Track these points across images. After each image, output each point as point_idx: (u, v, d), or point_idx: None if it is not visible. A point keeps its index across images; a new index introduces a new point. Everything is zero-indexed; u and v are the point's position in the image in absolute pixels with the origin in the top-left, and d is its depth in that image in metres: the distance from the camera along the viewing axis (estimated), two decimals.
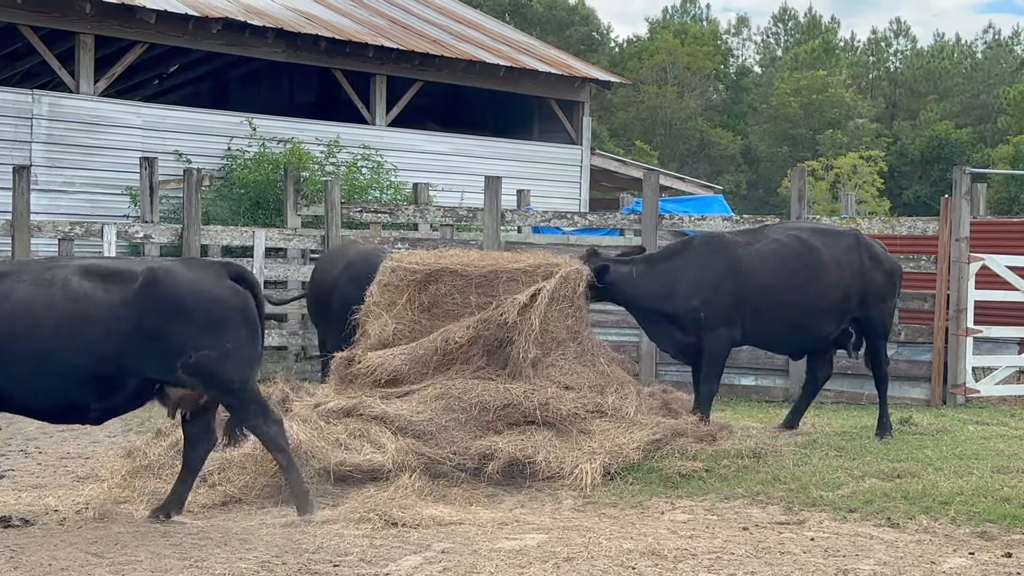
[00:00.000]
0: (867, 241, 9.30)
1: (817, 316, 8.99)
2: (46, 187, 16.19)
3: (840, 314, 9.08)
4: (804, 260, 8.93)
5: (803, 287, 8.87)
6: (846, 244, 9.12)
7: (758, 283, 8.81)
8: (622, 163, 24.82)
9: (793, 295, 8.85)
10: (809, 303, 8.91)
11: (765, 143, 58.34)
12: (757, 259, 8.87)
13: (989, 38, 74.20)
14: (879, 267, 9.19)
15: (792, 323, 8.98)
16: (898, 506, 6.81)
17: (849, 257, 9.05)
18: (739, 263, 8.83)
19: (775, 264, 8.88)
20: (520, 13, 57.02)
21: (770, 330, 9.03)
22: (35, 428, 10.37)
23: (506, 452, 7.47)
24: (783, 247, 8.97)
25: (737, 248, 8.92)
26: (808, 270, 8.91)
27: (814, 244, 9.02)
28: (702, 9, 77.62)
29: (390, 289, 8.75)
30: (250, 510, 6.98)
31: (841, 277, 8.99)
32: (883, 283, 9.22)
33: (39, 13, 16.36)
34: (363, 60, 19.52)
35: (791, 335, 9.13)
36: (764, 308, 8.84)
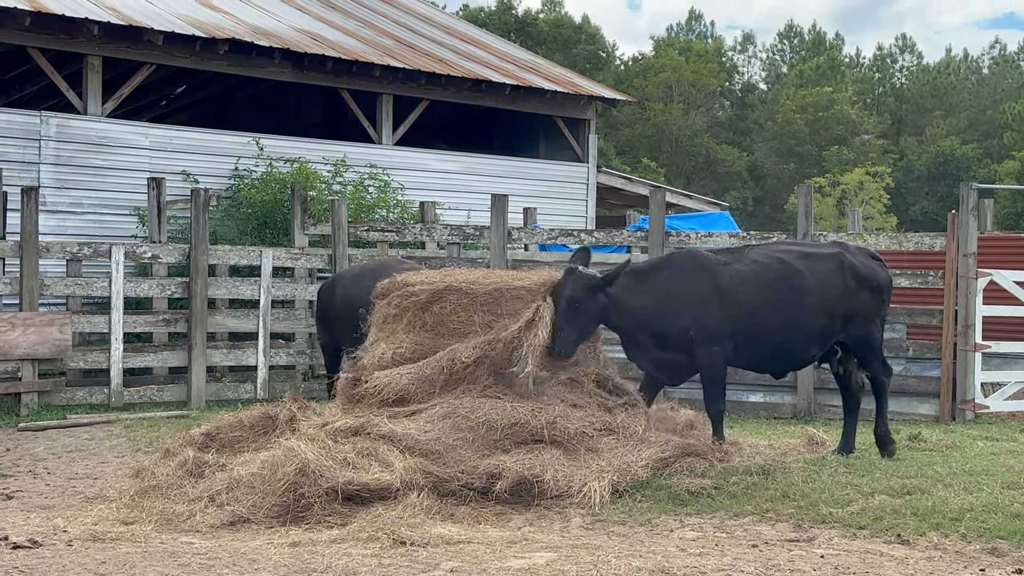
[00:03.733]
0: (851, 262, 9.00)
1: (799, 338, 8.81)
2: (54, 208, 16.25)
3: (824, 336, 8.90)
4: (786, 283, 8.75)
5: (784, 309, 8.69)
6: (830, 267, 8.91)
7: (739, 303, 8.62)
8: (628, 180, 24.83)
9: (774, 317, 8.68)
10: (790, 325, 8.73)
11: (771, 160, 58.41)
12: (738, 280, 8.69)
13: (995, 54, 74.30)
14: (864, 286, 8.97)
15: (773, 345, 8.80)
16: (908, 523, 6.78)
17: (833, 280, 8.86)
18: (721, 281, 8.67)
19: (756, 285, 8.70)
20: (526, 32, 57.23)
21: (750, 351, 8.82)
22: (43, 449, 10.39)
23: (514, 471, 7.45)
24: (764, 269, 8.78)
25: (718, 267, 8.78)
26: (790, 292, 8.72)
27: (796, 267, 8.83)
28: (707, 27, 77.92)
29: (395, 308, 8.76)
30: (258, 529, 6.97)
31: (825, 299, 8.78)
32: (870, 302, 9.01)
33: (47, 35, 16.45)
34: (369, 80, 19.59)
35: (772, 356, 8.97)
36: (744, 329, 8.64)
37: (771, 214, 53.86)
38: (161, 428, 11.28)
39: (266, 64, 18.57)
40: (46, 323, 12.49)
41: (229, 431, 8.62)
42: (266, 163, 17.76)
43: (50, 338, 12.45)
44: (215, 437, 8.56)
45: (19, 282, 12.57)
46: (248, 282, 13.97)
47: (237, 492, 7.36)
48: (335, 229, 14.10)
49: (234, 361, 13.91)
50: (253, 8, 20.64)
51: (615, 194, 24.22)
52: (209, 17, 18.75)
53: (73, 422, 11.73)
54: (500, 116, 22.31)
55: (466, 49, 23.01)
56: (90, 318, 13.24)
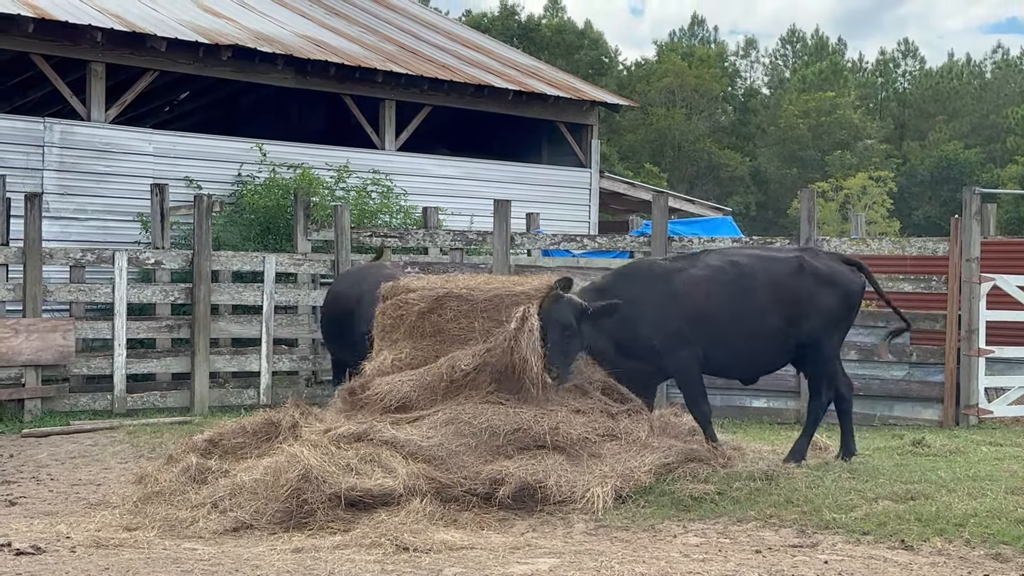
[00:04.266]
0: (814, 265, 8.85)
1: (757, 341, 8.70)
2: (58, 214, 16.27)
3: (784, 339, 8.75)
4: (740, 284, 8.65)
5: (739, 312, 8.60)
6: (788, 268, 8.77)
7: (695, 307, 8.57)
8: (631, 185, 24.83)
9: (730, 320, 8.59)
10: (746, 328, 8.63)
11: (774, 164, 58.40)
12: (692, 284, 8.63)
13: (998, 58, 74.31)
14: (828, 290, 8.80)
15: (731, 348, 8.70)
16: (912, 528, 6.77)
17: (792, 282, 8.70)
18: (676, 287, 8.62)
19: (709, 290, 8.63)
20: (529, 38, 57.29)
21: (708, 355, 8.71)
22: (47, 455, 10.39)
23: (516, 477, 7.45)
24: (717, 272, 8.70)
25: (673, 273, 8.71)
26: (744, 294, 8.63)
27: (751, 268, 8.73)
28: (709, 32, 77.96)
29: (394, 316, 8.77)
30: (261, 536, 6.97)
31: (782, 301, 8.65)
32: (835, 306, 8.83)
33: (51, 42, 16.48)
34: (372, 86, 19.61)
35: (733, 360, 8.87)
36: (700, 333, 8.59)
37: (774, 219, 53.87)
38: (164, 434, 11.28)
39: (269, 70, 18.59)
40: (49, 329, 12.50)
41: (232, 437, 8.62)
42: (269, 169, 17.78)
43: (53, 344, 12.46)
44: (218, 443, 8.56)
45: (22, 288, 12.57)
46: (251, 288, 13.98)
47: (240, 498, 7.36)
48: (338, 235, 14.11)
49: (237, 367, 13.91)
50: (256, 14, 20.67)
51: (618, 199, 24.23)
52: (212, 23, 18.78)
53: (76, 428, 11.73)
54: (503, 121, 22.32)
55: (469, 55, 23.03)
56: (93, 324, 13.25)
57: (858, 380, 12.25)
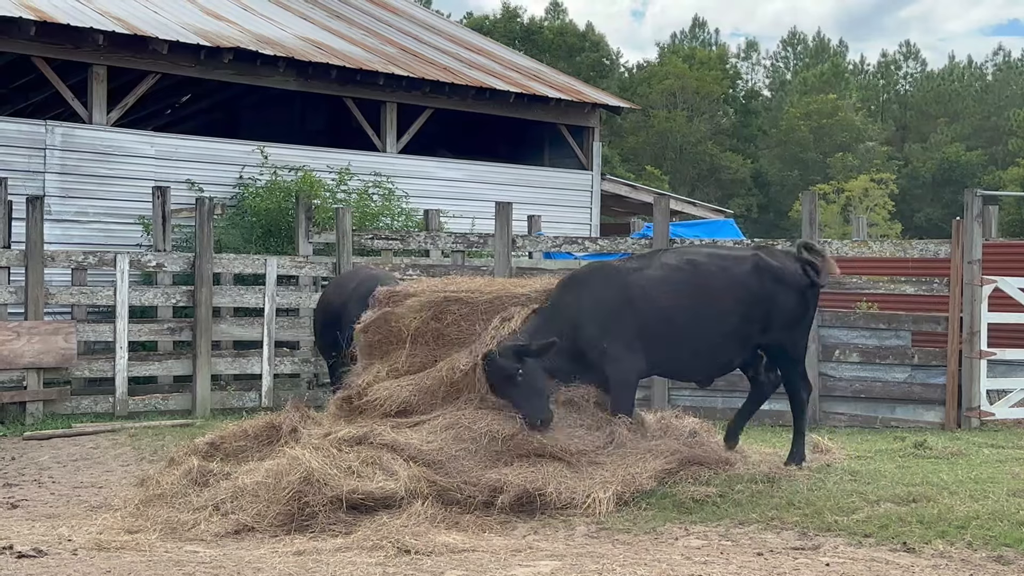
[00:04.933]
0: (770, 264, 8.60)
1: (713, 342, 8.47)
2: (59, 217, 16.27)
3: (741, 339, 8.54)
4: (694, 284, 8.43)
5: (694, 312, 8.39)
6: (745, 268, 8.54)
7: (648, 309, 8.33)
8: (632, 188, 24.82)
9: (682, 320, 8.36)
10: (702, 329, 8.41)
11: (775, 167, 58.44)
12: (647, 284, 8.39)
13: (999, 60, 74.38)
14: (787, 290, 8.54)
15: (685, 349, 8.47)
16: (914, 531, 6.76)
17: (748, 281, 8.47)
18: (630, 290, 8.37)
19: (664, 289, 8.39)
20: (531, 40, 57.32)
21: (664, 357, 8.49)
22: (48, 458, 10.39)
23: (515, 484, 7.41)
24: (673, 271, 8.48)
25: (628, 274, 8.47)
26: (699, 294, 8.41)
27: (707, 268, 8.52)
28: (711, 34, 78.01)
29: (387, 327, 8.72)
30: (263, 538, 6.97)
31: (738, 301, 8.43)
32: (793, 306, 8.58)
33: (52, 45, 16.48)
34: (374, 88, 19.62)
35: (688, 361, 8.62)
36: (656, 334, 8.33)
37: (775, 221, 53.88)
38: (166, 437, 11.28)
39: (271, 73, 18.60)
40: (51, 332, 12.51)
41: (233, 441, 8.62)
42: (271, 171, 17.78)
43: (55, 347, 12.47)
44: (219, 447, 8.56)
45: (24, 291, 12.58)
46: (253, 290, 13.98)
47: (242, 501, 7.36)
48: (339, 237, 14.11)
49: (239, 369, 13.91)
50: (257, 17, 20.69)
51: (619, 201, 24.22)
52: (214, 26, 18.79)
53: (78, 431, 11.74)
54: (504, 124, 22.33)
55: (470, 57, 23.04)
56: (95, 327, 13.26)
57: (860, 382, 12.28)
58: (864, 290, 13.13)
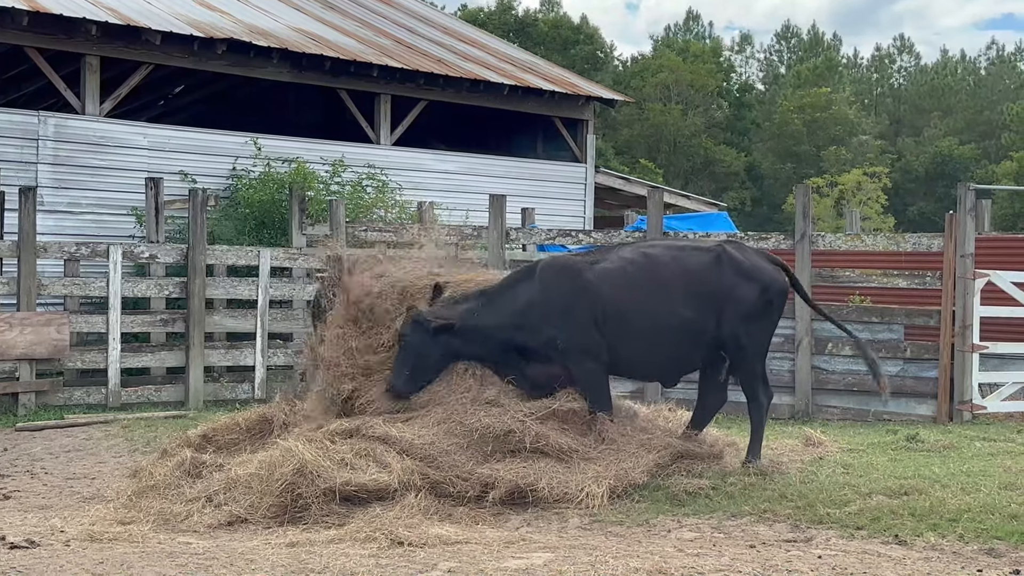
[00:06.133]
0: (733, 257, 8.34)
1: (669, 337, 8.19)
2: (52, 208, 16.24)
3: (696, 334, 8.22)
4: (649, 277, 8.19)
5: (648, 306, 8.14)
6: (704, 260, 8.28)
7: (602, 304, 8.09)
8: (626, 181, 24.83)
9: (638, 315, 8.13)
10: (657, 324, 8.15)
11: (769, 160, 58.46)
12: (601, 278, 8.15)
13: (993, 55, 74.48)
14: (748, 284, 8.27)
15: (643, 346, 8.22)
16: (905, 523, 6.78)
17: (707, 274, 8.21)
18: (585, 284, 8.13)
19: (619, 283, 8.14)
20: (525, 33, 57.23)
21: (622, 354, 8.22)
22: (41, 449, 10.38)
23: (507, 480, 7.41)
24: (628, 264, 8.23)
25: (583, 269, 8.22)
26: (654, 287, 8.17)
27: (663, 261, 8.27)
28: (704, 27, 77.98)
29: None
30: (256, 530, 6.97)
31: (695, 295, 8.17)
32: (754, 301, 8.27)
33: (45, 35, 16.43)
34: (368, 80, 19.59)
35: (647, 359, 8.37)
36: (611, 330, 8.09)
37: (769, 214, 53.90)
38: (159, 428, 11.27)
39: (264, 64, 18.57)
40: (44, 323, 12.48)
41: (225, 433, 8.61)
42: (264, 163, 17.76)
43: (48, 338, 12.44)
44: (211, 439, 8.55)
45: (17, 282, 12.56)
46: (246, 282, 13.96)
47: (235, 492, 7.35)
48: (333, 229, 14.09)
49: (232, 361, 13.90)
50: (251, 8, 20.63)
51: (613, 194, 24.23)
52: (207, 17, 18.74)
53: (71, 422, 11.73)
54: (498, 116, 22.31)
55: (464, 49, 23.01)
56: (88, 318, 13.23)
57: (852, 376, 12.29)
58: (857, 284, 13.15)
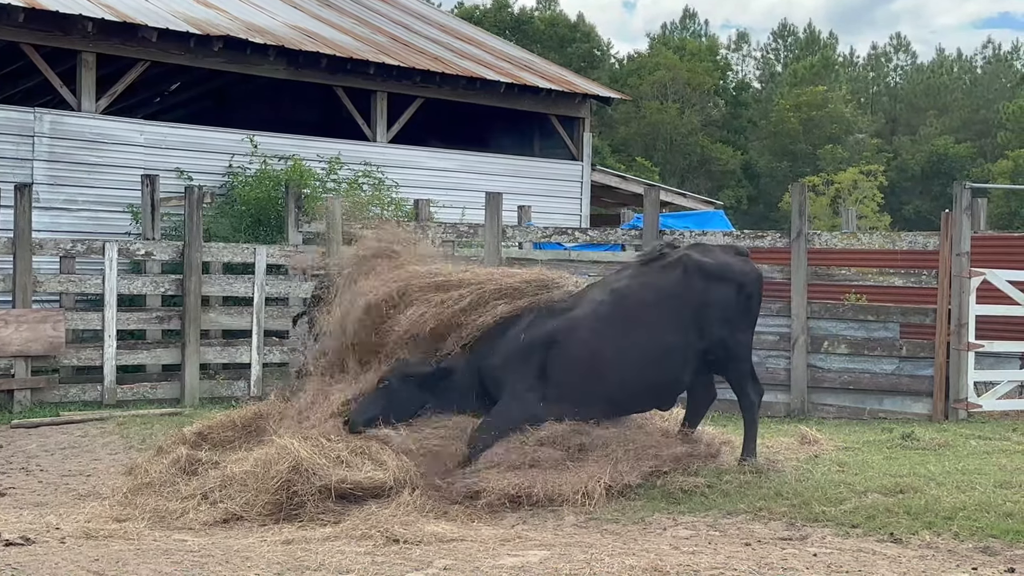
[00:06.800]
0: (699, 262, 8.23)
1: (657, 366, 8.12)
2: (48, 205, 16.20)
3: (683, 353, 8.18)
4: (624, 315, 8.09)
5: (628, 344, 8.05)
6: (673, 278, 8.20)
7: (576, 354, 8.04)
8: (623, 179, 24.82)
9: (621, 355, 8.05)
10: (641, 357, 8.06)
11: (765, 158, 58.49)
12: (573, 328, 8.09)
13: (989, 53, 74.53)
14: (721, 286, 8.20)
15: (631, 381, 8.11)
16: (901, 521, 6.79)
17: (678, 291, 8.14)
18: (555, 337, 8.08)
19: (595, 329, 8.07)
20: (522, 30, 57.23)
21: (612, 395, 8.15)
22: (36, 446, 10.37)
23: (498, 489, 7.39)
24: (599, 307, 8.14)
25: (556, 317, 8.16)
26: (631, 326, 8.07)
27: (633, 293, 8.19)
28: (701, 25, 78.00)
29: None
30: (251, 527, 6.97)
31: (671, 314, 8.11)
32: (731, 301, 8.22)
33: (41, 32, 16.40)
34: (364, 77, 19.57)
35: (638, 392, 8.23)
36: (591, 376, 8.04)
37: (765, 213, 53.94)
38: (154, 425, 11.26)
39: (261, 61, 18.54)
40: (39, 320, 12.46)
41: (221, 430, 8.61)
42: (260, 160, 17.74)
43: (43, 335, 12.43)
44: (207, 437, 8.55)
45: (12, 279, 12.54)
46: (242, 279, 13.95)
47: (230, 490, 7.36)
48: (329, 227, 14.07)
49: (228, 358, 13.88)
50: (248, 5, 20.61)
51: (609, 192, 24.23)
52: (203, 14, 18.71)
53: (66, 419, 11.71)
54: (495, 114, 22.30)
55: (461, 47, 22.99)
56: (83, 315, 13.22)
57: (848, 374, 12.30)
58: (853, 282, 13.17)
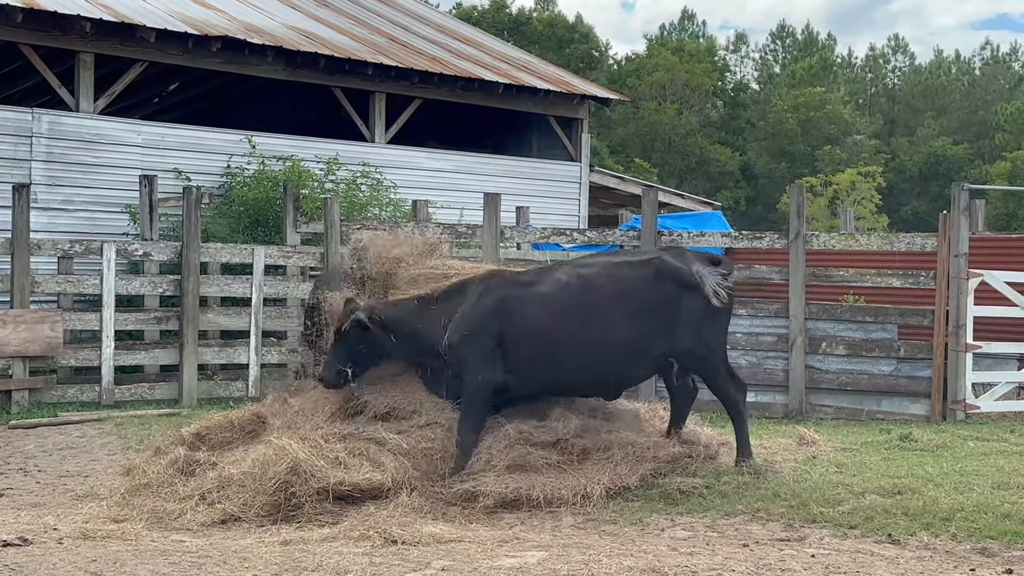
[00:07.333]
0: (673, 267, 8.18)
1: (605, 358, 8.06)
2: (46, 205, 16.20)
3: (640, 351, 8.11)
4: (581, 300, 8.03)
5: (579, 329, 7.99)
6: (643, 276, 8.13)
7: (530, 328, 7.98)
8: (621, 180, 24.83)
9: (568, 338, 7.97)
10: (594, 345, 8.00)
11: (763, 159, 58.52)
12: (532, 302, 8.06)
13: (987, 55, 74.57)
14: (692, 294, 8.10)
15: (576, 367, 8.04)
16: (899, 522, 6.80)
17: (647, 291, 8.06)
18: (509, 305, 8.04)
19: (551, 307, 8.02)
20: (520, 31, 57.26)
21: (553, 375, 8.09)
22: (34, 447, 10.36)
23: (496, 491, 7.40)
24: (562, 287, 8.08)
25: (517, 288, 8.15)
26: (587, 310, 8.02)
27: (598, 282, 8.11)
28: (699, 26, 77.97)
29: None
30: (249, 528, 6.97)
31: (634, 312, 8.03)
32: (698, 310, 8.11)
33: (39, 32, 16.40)
34: (362, 78, 19.57)
35: (581, 378, 8.18)
36: (540, 353, 7.98)
37: (763, 214, 53.97)
38: (152, 426, 11.25)
39: (259, 62, 18.54)
40: (37, 320, 12.46)
41: (219, 432, 8.60)
42: (258, 161, 17.73)
43: (41, 336, 12.42)
44: (205, 438, 8.54)
45: (10, 279, 12.52)
46: (240, 280, 13.94)
47: (228, 491, 7.36)
48: (327, 227, 14.06)
49: (226, 359, 13.87)
50: (246, 5, 20.61)
51: (608, 193, 24.23)
52: (202, 14, 18.71)
53: (64, 420, 11.70)
54: (493, 115, 22.30)
55: (459, 48, 23.00)
56: (81, 316, 13.20)
57: (846, 375, 12.31)
58: (851, 283, 13.17)
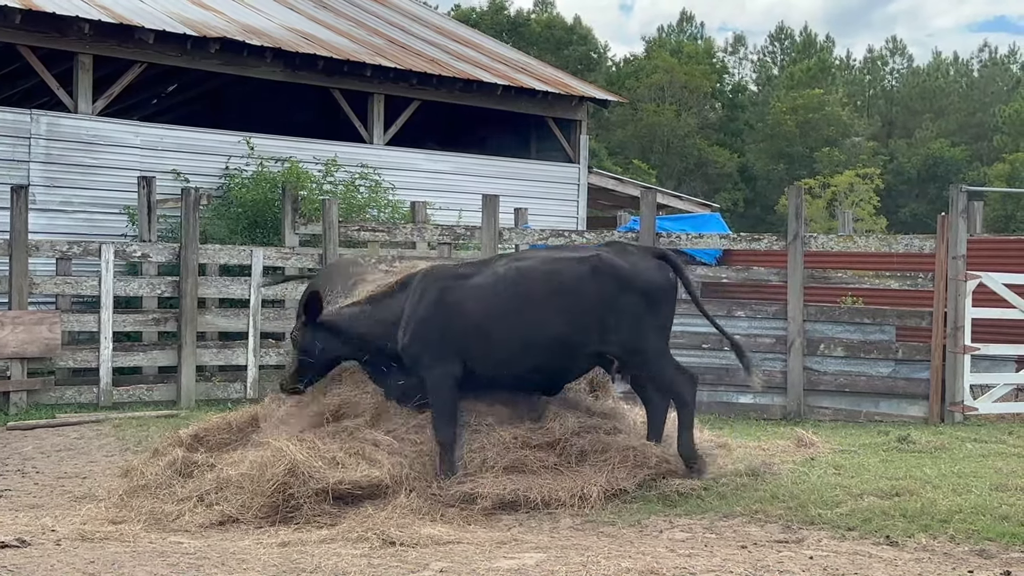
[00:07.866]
0: (613, 264, 8.01)
1: (539, 352, 7.95)
2: (44, 207, 16.20)
3: (573, 347, 7.97)
4: (516, 292, 7.97)
5: (513, 322, 7.92)
6: (579, 272, 7.99)
7: (466, 319, 7.97)
8: (619, 181, 24.84)
9: (504, 331, 7.92)
10: (524, 340, 7.92)
11: (762, 161, 58.52)
12: (469, 293, 8.04)
13: (985, 57, 74.62)
14: (628, 292, 7.94)
15: (512, 360, 7.98)
16: (897, 524, 6.80)
17: (582, 287, 7.94)
18: (447, 296, 8.05)
19: (485, 298, 7.99)
20: (519, 33, 57.28)
21: (490, 369, 8.02)
22: (32, 448, 10.35)
23: (494, 493, 7.41)
24: (498, 280, 8.04)
25: (454, 280, 8.14)
26: (522, 303, 7.95)
27: (534, 276, 8.04)
28: (698, 28, 77.99)
29: None
30: (247, 529, 6.97)
31: (568, 308, 7.91)
32: (637, 308, 7.93)
33: (38, 33, 16.40)
34: (361, 79, 19.58)
35: (519, 373, 8.07)
36: (476, 345, 7.95)
37: (762, 215, 53.99)
38: (150, 428, 11.25)
39: (257, 63, 18.54)
40: (35, 322, 12.45)
41: (217, 433, 8.61)
42: (257, 162, 17.74)
43: (39, 337, 12.41)
44: (203, 439, 8.55)
45: (8, 281, 12.52)
46: (238, 281, 13.95)
47: (226, 492, 7.36)
48: (326, 229, 14.08)
49: (224, 361, 13.87)
50: (244, 7, 20.61)
51: (606, 195, 24.24)
52: (200, 16, 18.71)
53: (62, 421, 11.70)
54: (491, 116, 22.31)
55: (458, 49, 23.00)
56: (79, 317, 13.20)
57: (844, 377, 12.32)
58: (849, 285, 13.17)
